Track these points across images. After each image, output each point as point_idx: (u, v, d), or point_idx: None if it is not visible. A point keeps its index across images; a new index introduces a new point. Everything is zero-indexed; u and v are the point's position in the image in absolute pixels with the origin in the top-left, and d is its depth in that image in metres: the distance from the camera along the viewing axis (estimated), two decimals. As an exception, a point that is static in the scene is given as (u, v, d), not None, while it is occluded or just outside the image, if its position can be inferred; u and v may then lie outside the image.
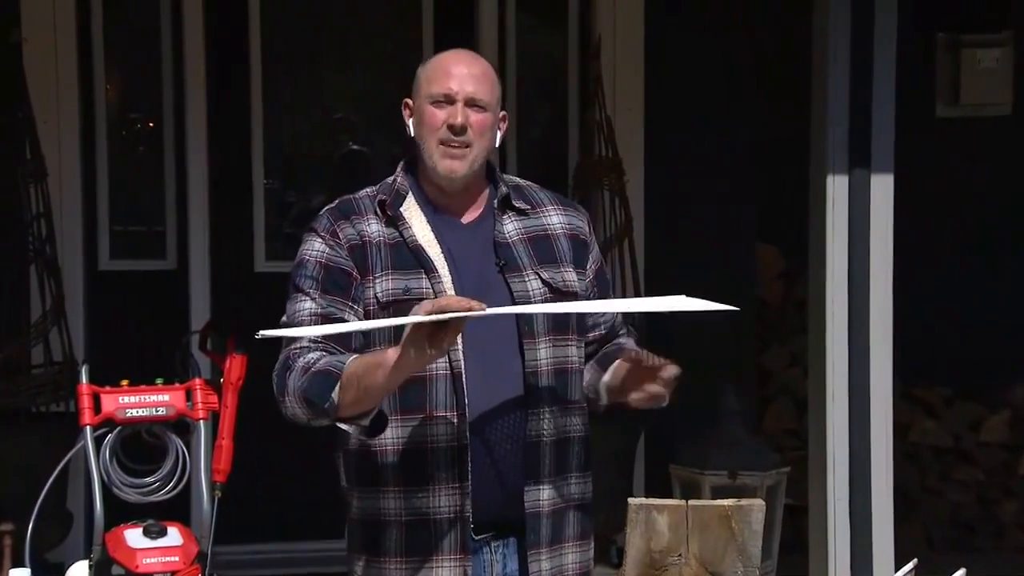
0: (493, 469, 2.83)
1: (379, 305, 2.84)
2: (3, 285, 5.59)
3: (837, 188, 4.99)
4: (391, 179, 2.97)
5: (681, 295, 2.71)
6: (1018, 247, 6.82)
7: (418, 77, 2.95)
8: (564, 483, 2.91)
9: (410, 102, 2.96)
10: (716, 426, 5.58)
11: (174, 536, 3.89)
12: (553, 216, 3.00)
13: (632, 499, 2.51)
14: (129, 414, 4.01)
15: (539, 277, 2.90)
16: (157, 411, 4.04)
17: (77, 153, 6.04)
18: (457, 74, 2.88)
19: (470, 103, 2.87)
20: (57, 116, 5.92)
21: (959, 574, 2.65)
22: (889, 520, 5.04)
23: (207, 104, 6.16)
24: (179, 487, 4.04)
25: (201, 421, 4.11)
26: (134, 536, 3.88)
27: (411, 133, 2.95)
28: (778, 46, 6.41)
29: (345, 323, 2.81)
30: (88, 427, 4.00)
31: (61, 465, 4.15)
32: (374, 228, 2.89)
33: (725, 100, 6.38)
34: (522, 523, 2.87)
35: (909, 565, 2.73)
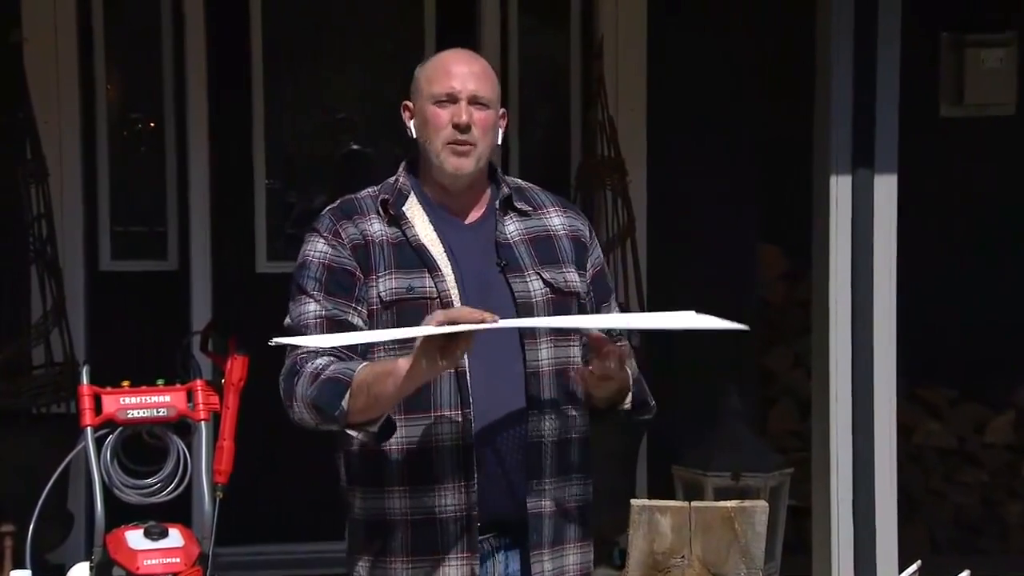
0: (496, 469, 2.83)
1: (382, 304, 2.83)
2: (4, 286, 5.59)
3: (840, 188, 4.98)
4: (393, 179, 2.97)
5: (691, 311, 2.71)
6: (1022, 247, 6.80)
7: (417, 78, 2.94)
8: (566, 484, 2.90)
9: (410, 104, 2.95)
10: (719, 427, 5.57)
11: (175, 537, 3.88)
12: (555, 218, 3.00)
13: (635, 500, 2.53)
14: (130, 415, 4.01)
15: (540, 277, 2.90)
16: (158, 412, 4.04)
17: (78, 153, 6.03)
18: (458, 73, 2.88)
19: (473, 101, 2.87)
20: (58, 116, 5.91)
21: (963, 576, 2.65)
22: (893, 522, 5.03)
23: (208, 104, 6.16)
24: (180, 488, 4.03)
25: (202, 422, 4.11)
26: (135, 537, 3.87)
27: (412, 135, 2.94)
28: (781, 46, 6.40)
29: (360, 331, 2.81)
30: (89, 428, 3.99)
31: (62, 466, 4.15)
32: (376, 227, 2.89)
33: (728, 100, 6.37)
34: (524, 523, 2.86)
35: (913, 567, 2.73)
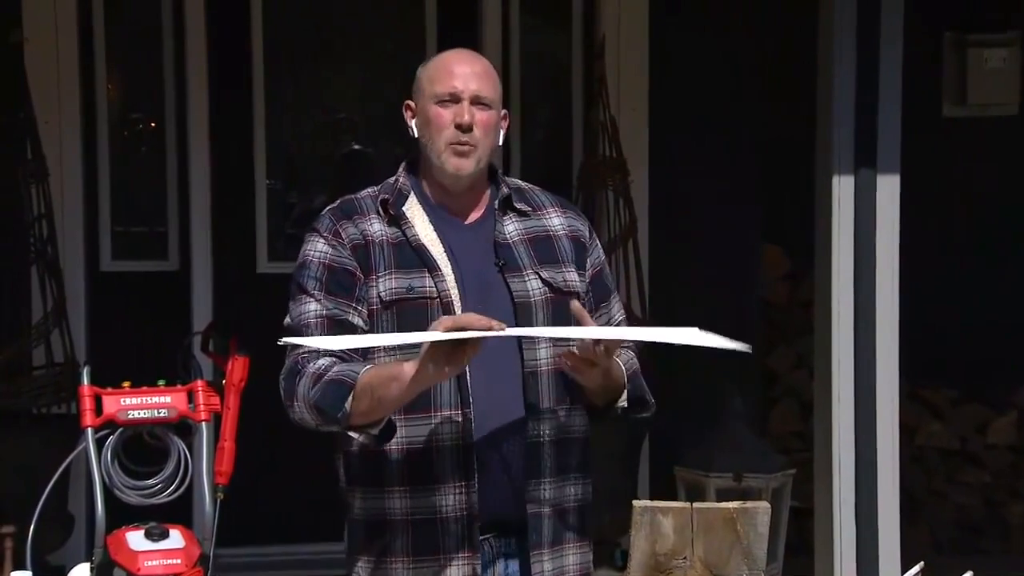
0: (496, 469, 2.83)
1: (382, 304, 2.83)
2: (4, 286, 5.59)
3: (843, 188, 4.98)
4: (393, 179, 2.97)
5: (695, 327, 2.73)
6: (1025, 248, 6.80)
7: (419, 78, 2.94)
8: (565, 484, 2.90)
9: (412, 104, 2.96)
10: (721, 428, 5.56)
11: (176, 538, 3.88)
12: (554, 218, 3.00)
13: (636, 501, 2.54)
14: (131, 416, 4.01)
15: (539, 277, 2.90)
16: (159, 413, 4.03)
17: (78, 153, 6.03)
18: (460, 73, 2.88)
19: (475, 101, 2.87)
20: (58, 116, 5.91)
21: (966, 577, 2.64)
22: (895, 522, 5.02)
23: (209, 104, 6.15)
24: (181, 489, 4.03)
25: (203, 423, 4.10)
26: (136, 538, 3.86)
27: (414, 134, 2.94)
28: (783, 46, 6.39)
29: (369, 334, 2.81)
30: (89, 429, 3.99)
31: (63, 467, 4.14)
32: (376, 227, 2.89)
33: (730, 100, 6.37)
34: (523, 523, 2.86)
35: (916, 568, 2.73)
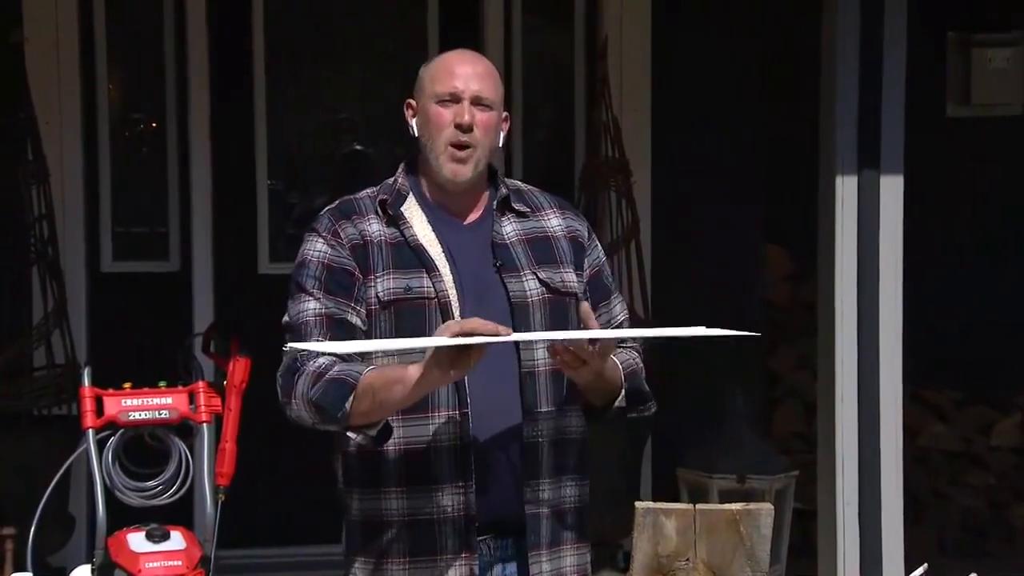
0: (494, 469, 2.82)
1: (380, 304, 2.83)
2: (4, 287, 5.58)
3: (846, 189, 4.97)
4: (392, 180, 2.97)
5: (701, 326, 2.76)
6: (1029, 248, 6.79)
7: (421, 77, 2.94)
8: (562, 484, 2.90)
9: (413, 102, 2.96)
10: (723, 429, 5.56)
11: (177, 540, 3.88)
12: (553, 219, 3.00)
13: (639, 503, 2.53)
14: (132, 417, 4.02)
15: (536, 277, 2.89)
16: (160, 414, 4.04)
17: (79, 154, 6.02)
18: (462, 73, 2.88)
19: (476, 102, 2.87)
20: (59, 116, 5.90)
21: (970, 578, 2.64)
22: (899, 524, 5.02)
23: (210, 104, 6.15)
24: (182, 491, 4.03)
25: (204, 424, 4.11)
26: (137, 540, 3.87)
27: (414, 133, 2.95)
28: (786, 46, 6.38)
29: (375, 340, 2.80)
30: (90, 430, 4.00)
31: (63, 468, 4.15)
32: (375, 228, 2.89)
33: (732, 100, 6.36)
34: (521, 524, 2.86)
35: (920, 570, 2.73)
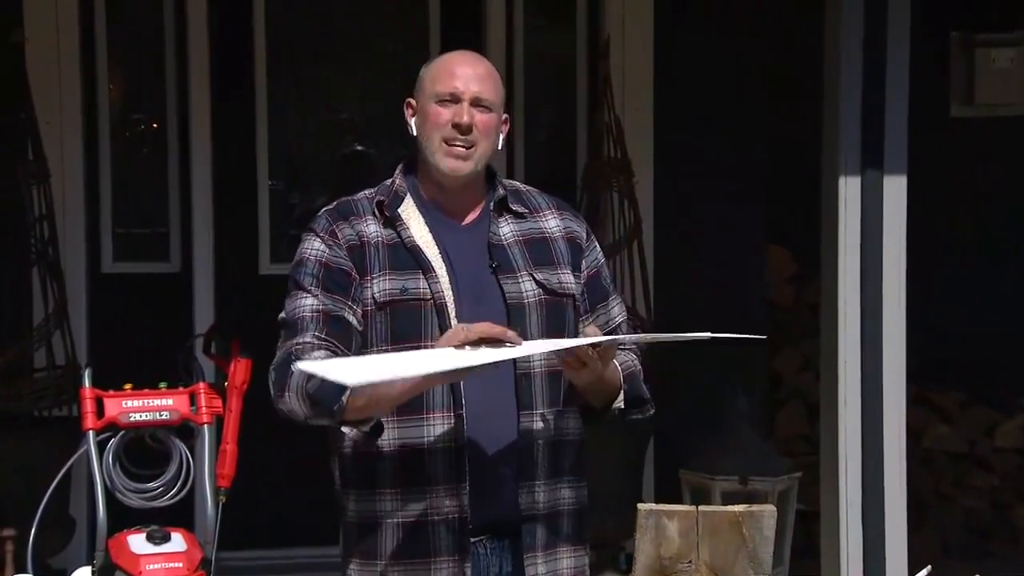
0: (489, 471, 2.82)
1: (376, 305, 2.83)
2: (5, 288, 5.58)
3: (849, 190, 4.96)
4: (390, 181, 2.98)
5: (706, 331, 2.77)
6: (1034, 249, 6.78)
7: (422, 77, 2.95)
8: (558, 487, 2.90)
9: (413, 101, 2.97)
10: (726, 431, 5.55)
11: (178, 542, 3.88)
12: (551, 220, 3.00)
13: (641, 505, 2.55)
14: (132, 418, 4.02)
15: (532, 279, 2.89)
16: (161, 415, 4.04)
17: (80, 154, 6.03)
18: (462, 74, 2.89)
19: (475, 103, 2.88)
20: (60, 117, 5.91)
21: (975, 581, 2.63)
22: (902, 526, 5.01)
23: (211, 104, 6.14)
24: (183, 492, 4.03)
25: (205, 425, 4.10)
26: (137, 542, 3.87)
27: (413, 132, 2.95)
28: (789, 46, 6.37)
29: (389, 356, 2.78)
30: (91, 431, 4.00)
31: (64, 470, 4.15)
32: (372, 229, 2.89)
33: (735, 100, 6.36)
34: (517, 526, 2.86)
35: (923, 572, 2.73)
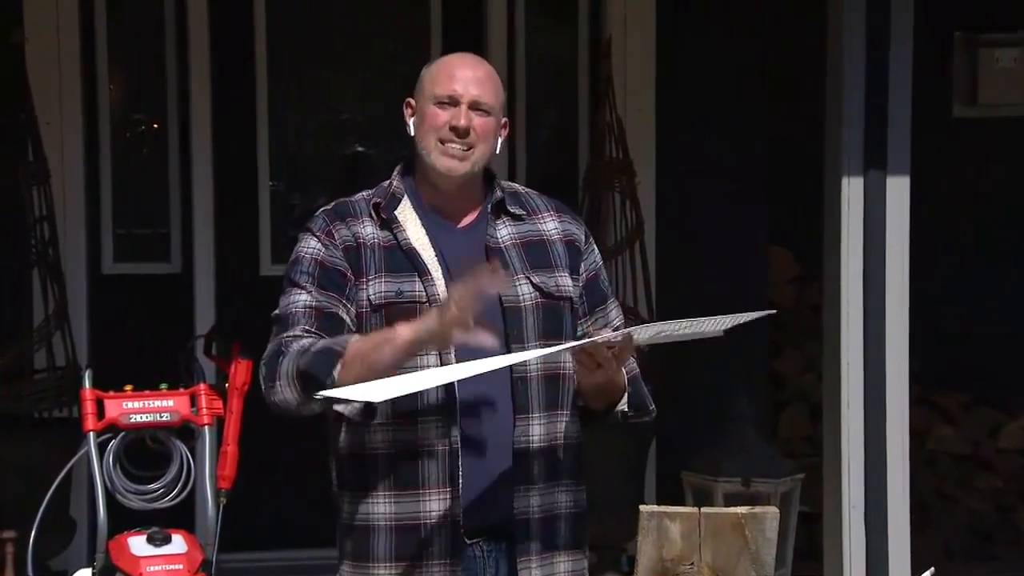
0: (483, 474, 2.82)
1: (371, 307, 2.84)
2: (5, 289, 5.58)
3: (852, 190, 4.95)
4: (387, 183, 2.99)
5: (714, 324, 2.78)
6: (1037, 249, 6.78)
7: (422, 78, 2.96)
8: (555, 490, 2.89)
9: (412, 102, 2.97)
10: (729, 432, 5.54)
11: (178, 544, 3.88)
12: (549, 222, 3.00)
13: (643, 506, 2.55)
14: (133, 420, 4.02)
15: (530, 281, 2.90)
16: (161, 417, 4.03)
17: (80, 155, 6.03)
18: (462, 77, 2.89)
19: (474, 106, 2.88)
20: (60, 117, 5.91)
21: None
22: (905, 528, 5.00)
23: (211, 105, 6.14)
24: (183, 494, 4.02)
25: (206, 427, 4.10)
26: (138, 544, 3.86)
27: (411, 132, 2.96)
28: (791, 46, 6.37)
29: (406, 375, 2.74)
30: (91, 433, 3.99)
31: (64, 472, 4.14)
32: (369, 231, 2.90)
33: (737, 100, 6.35)
34: (512, 529, 2.86)
35: (926, 573, 2.72)
